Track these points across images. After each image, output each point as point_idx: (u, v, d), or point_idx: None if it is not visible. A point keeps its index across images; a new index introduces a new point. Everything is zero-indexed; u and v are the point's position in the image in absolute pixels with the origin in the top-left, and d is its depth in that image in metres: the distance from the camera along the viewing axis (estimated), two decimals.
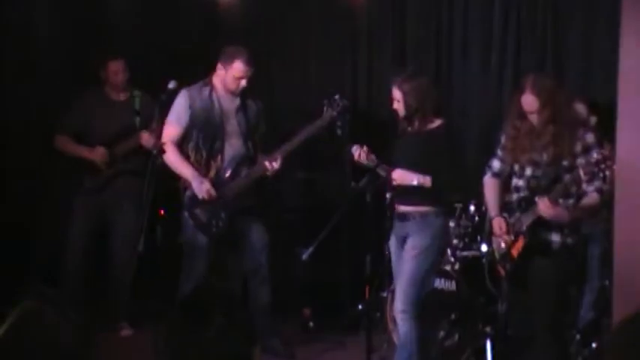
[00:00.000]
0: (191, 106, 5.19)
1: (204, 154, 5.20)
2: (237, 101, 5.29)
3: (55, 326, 1.91)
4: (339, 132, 6.10)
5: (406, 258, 4.66)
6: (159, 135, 4.91)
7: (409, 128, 4.73)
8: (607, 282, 5.14)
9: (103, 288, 5.82)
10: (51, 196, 5.96)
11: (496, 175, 4.55)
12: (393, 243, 4.85)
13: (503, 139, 4.52)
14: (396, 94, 4.69)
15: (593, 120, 5.32)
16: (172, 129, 5.17)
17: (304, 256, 4.66)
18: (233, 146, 5.25)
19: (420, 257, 4.62)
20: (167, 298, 4.97)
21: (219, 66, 5.20)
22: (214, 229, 5.22)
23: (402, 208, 4.74)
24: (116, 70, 5.67)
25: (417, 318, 4.64)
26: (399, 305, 4.65)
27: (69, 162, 5.69)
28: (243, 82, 5.19)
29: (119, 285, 5.74)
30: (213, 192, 5.15)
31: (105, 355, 2.15)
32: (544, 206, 4.12)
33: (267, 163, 5.19)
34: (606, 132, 4.56)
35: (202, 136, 5.19)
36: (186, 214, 5.24)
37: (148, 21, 6.28)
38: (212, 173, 5.21)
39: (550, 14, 5.87)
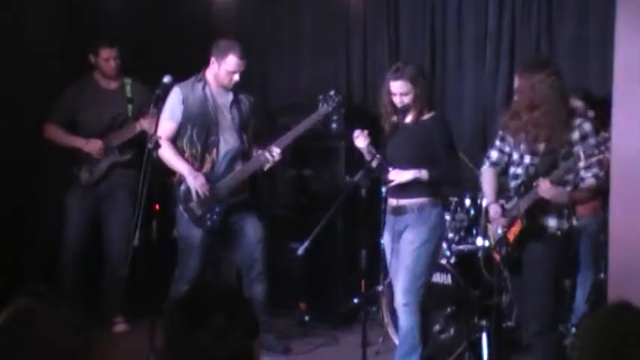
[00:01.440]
0: (184, 101, 5.19)
1: (199, 148, 5.20)
2: (231, 96, 5.29)
3: (49, 324, 1.89)
4: (334, 127, 6.12)
5: (405, 252, 4.65)
6: (155, 129, 4.89)
7: (405, 121, 4.71)
8: (602, 275, 5.15)
9: (99, 283, 5.81)
10: (46, 191, 5.93)
11: (494, 164, 4.54)
12: (387, 238, 4.84)
13: (501, 132, 4.51)
14: (404, 86, 4.62)
15: (590, 114, 5.31)
16: (166, 125, 5.15)
17: (300, 251, 4.65)
18: (227, 140, 5.24)
19: (420, 250, 4.62)
20: (163, 294, 4.96)
21: (212, 60, 5.20)
22: (209, 223, 5.21)
23: (397, 202, 4.72)
24: (108, 57, 5.61)
25: (419, 311, 4.66)
26: (402, 299, 4.64)
27: (63, 155, 5.65)
28: (236, 77, 5.19)
29: (114, 280, 5.73)
30: (207, 186, 5.14)
31: (100, 351, 2.14)
32: (545, 187, 4.12)
33: (267, 154, 5.18)
34: (602, 126, 4.57)
35: (197, 130, 5.19)
36: (180, 208, 5.23)
37: (142, 14, 6.25)
38: (207, 167, 5.21)
39: (544, 7, 5.87)
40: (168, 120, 5.16)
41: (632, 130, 3.98)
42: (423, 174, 4.59)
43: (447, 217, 5.26)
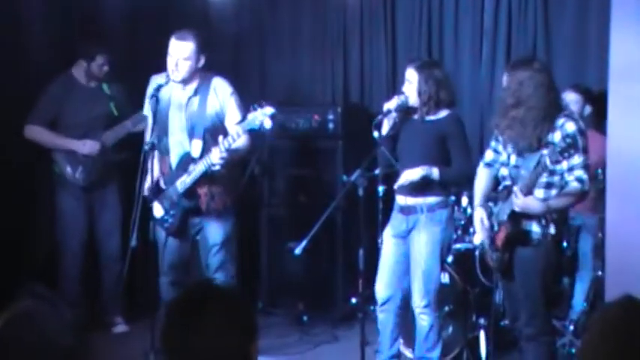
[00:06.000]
0: (152, 96, 4.77)
1: (160, 150, 4.93)
2: (190, 91, 4.86)
3: (49, 325, 1.90)
4: (331, 127, 6.11)
5: (419, 255, 4.64)
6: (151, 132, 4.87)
7: (415, 116, 4.69)
8: (600, 273, 5.16)
9: (98, 284, 5.81)
10: (44, 192, 5.92)
11: (488, 165, 4.49)
12: (389, 235, 4.79)
13: (496, 130, 4.49)
14: (412, 75, 4.62)
15: (588, 110, 5.31)
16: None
17: (297, 251, 4.65)
18: (181, 143, 4.89)
19: (434, 252, 4.63)
20: (160, 294, 4.96)
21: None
22: (166, 225, 4.95)
23: (406, 200, 4.68)
24: (103, 62, 5.58)
25: (437, 310, 4.71)
26: (421, 301, 4.66)
27: (51, 156, 5.61)
28: (171, 62, 4.72)
29: (110, 279, 5.72)
30: (152, 188, 4.83)
31: (99, 352, 2.15)
32: (517, 199, 4.06)
33: (213, 152, 4.70)
34: (600, 120, 4.57)
35: (157, 130, 4.82)
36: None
37: (138, 15, 6.25)
38: (166, 170, 4.96)
39: (541, 3, 5.88)
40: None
41: (628, 128, 3.99)
42: (435, 172, 4.57)
43: None
